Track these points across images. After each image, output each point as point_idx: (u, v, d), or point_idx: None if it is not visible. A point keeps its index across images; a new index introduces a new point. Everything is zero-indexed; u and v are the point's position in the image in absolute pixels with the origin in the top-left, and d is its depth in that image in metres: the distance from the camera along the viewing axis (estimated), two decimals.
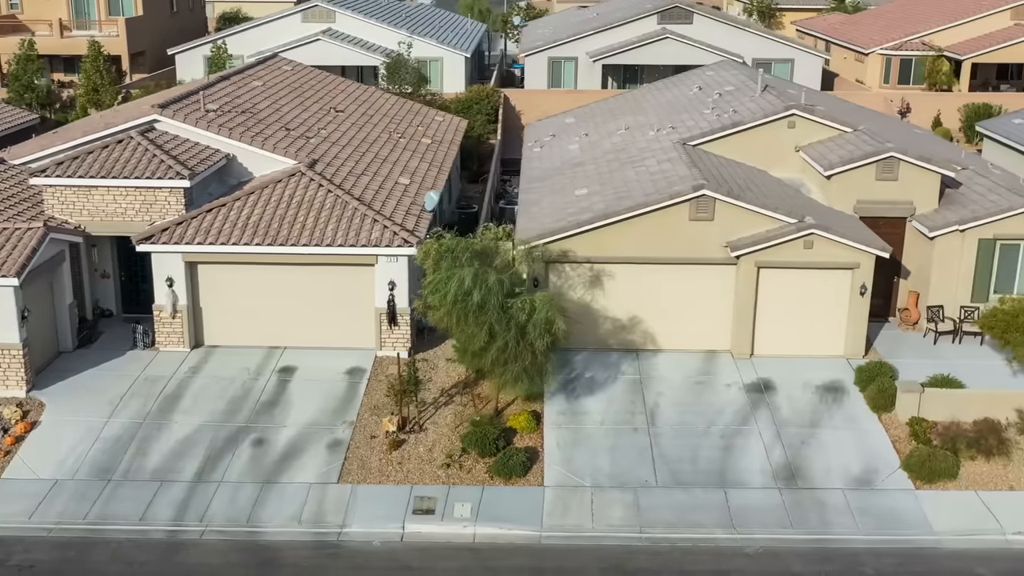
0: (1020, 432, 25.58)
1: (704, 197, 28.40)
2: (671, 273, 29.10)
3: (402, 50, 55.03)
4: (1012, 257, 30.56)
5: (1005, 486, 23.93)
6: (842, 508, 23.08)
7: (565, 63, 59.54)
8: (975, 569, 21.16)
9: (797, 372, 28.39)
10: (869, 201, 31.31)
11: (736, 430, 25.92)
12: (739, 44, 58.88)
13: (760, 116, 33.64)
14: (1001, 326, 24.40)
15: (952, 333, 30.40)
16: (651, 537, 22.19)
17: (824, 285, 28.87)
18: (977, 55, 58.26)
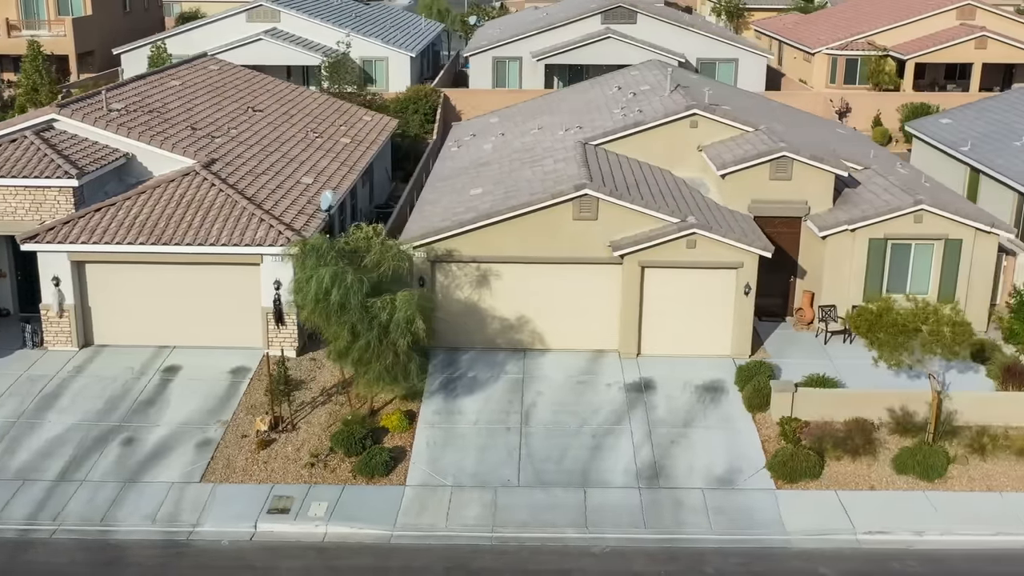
0: (891, 432, 25.59)
1: (587, 196, 28.39)
2: (558, 272, 29.10)
3: (341, 49, 54.99)
4: (903, 256, 30.57)
5: (866, 486, 23.90)
6: (699, 508, 23.05)
7: (510, 63, 59.57)
8: (818, 569, 21.12)
9: (680, 372, 28.38)
10: (763, 201, 31.29)
11: (608, 430, 25.90)
12: (683, 44, 58.88)
13: (662, 116, 33.61)
14: (866, 325, 24.39)
15: (843, 333, 30.39)
16: (501, 537, 22.15)
17: (709, 284, 28.87)
18: (920, 55, 58.24)
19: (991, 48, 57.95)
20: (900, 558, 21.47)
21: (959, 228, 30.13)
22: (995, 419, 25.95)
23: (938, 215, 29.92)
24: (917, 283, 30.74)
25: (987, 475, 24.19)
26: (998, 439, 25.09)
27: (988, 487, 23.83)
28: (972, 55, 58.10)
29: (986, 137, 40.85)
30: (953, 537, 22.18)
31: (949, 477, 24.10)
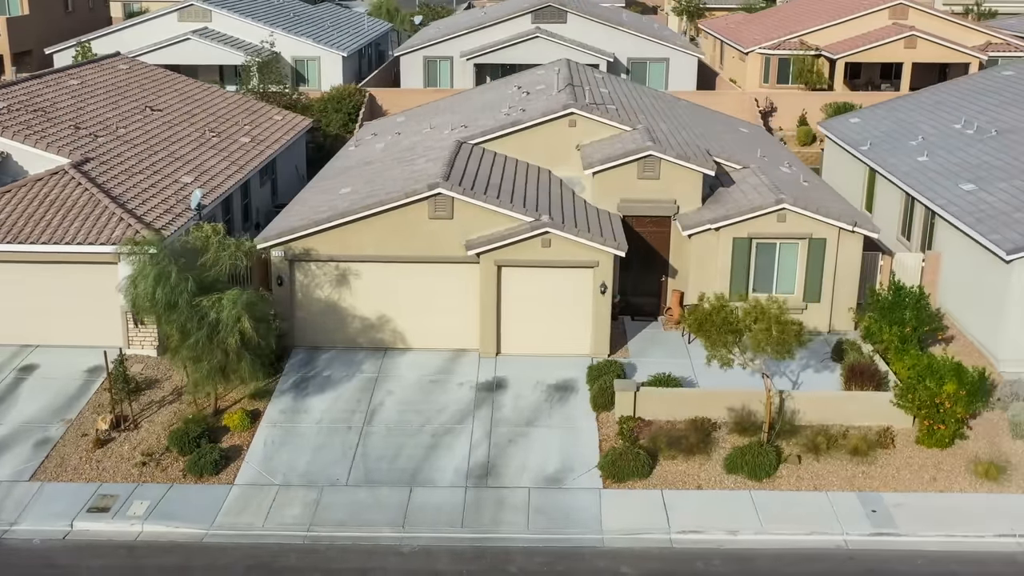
0: (730, 432, 25.56)
1: (441, 196, 28.36)
2: (417, 272, 29.08)
3: (265, 48, 55.00)
4: (769, 256, 30.53)
5: (694, 485, 23.86)
6: (521, 507, 23.02)
7: (441, 62, 59.54)
8: (620, 568, 21.07)
9: (536, 371, 28.35)
10: (633, 200, 31.27)
11: (449, 429, 25.87)
12: (614, 43, 58.87)
13: (540, 115, 33.55)
14: (695, 324, 24.34)
15: None
16: (315, 536, 22.13)
17: (566, 283, 28.85)
18: (849, 54, 58.18)
19: (921, 48, 57.87)
20: (707, 557, 21.42)
21: (822, 227, 30.07)
22: (837, 419, 25.92)
23: (801, 214, 29.87)
24: (784, 282, 30.71)
25: (816, 475, 24.14)
26: (836, 439, 25.04)
27: (815, 487, 23.78)
28: (902, 55, 58.01)
29: (887, 136, 40.80)
30: (767, 536, 22.14)
31: (778, 477, 24.05)
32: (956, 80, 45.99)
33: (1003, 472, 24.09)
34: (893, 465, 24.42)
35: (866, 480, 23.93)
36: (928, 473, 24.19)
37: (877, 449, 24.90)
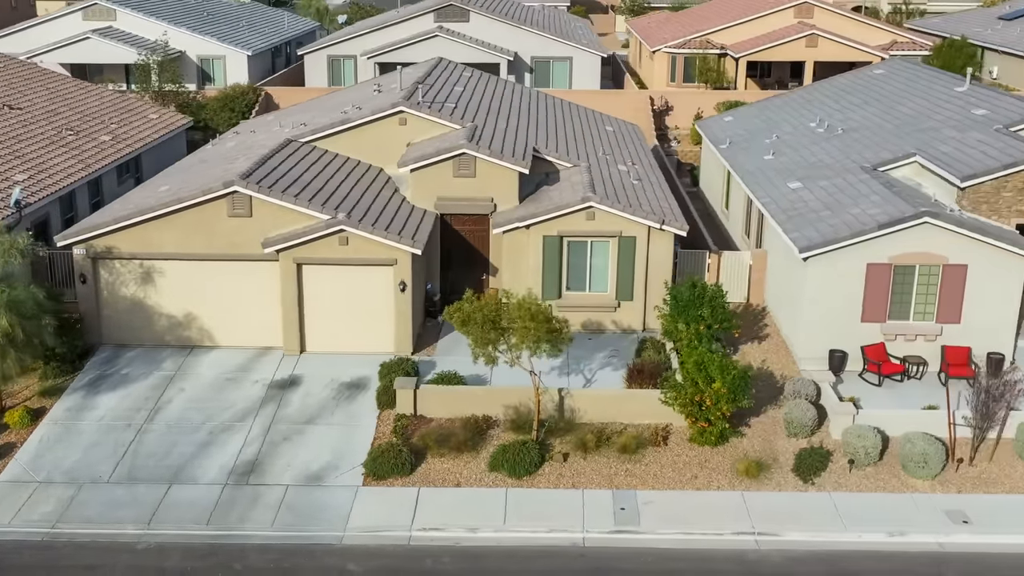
0: (506, 429, 25.57)
1: (238, 193, 28.37)
2: (221, 270, 29.07)
3: (159, 46, 55.01)
4: (581, 254, 30.54)
5: (453, 483, 23.84)
6: (273, 504, 23.00)
7: (344, 61, 59.55)
8: (346, 565, 21.03)
9: (334, 369, 28.36)
10: (450, 198, 31.28)
11: (229, 427, 25.87)
12: (518, 42, 58.89)
13: (369, 114, 33.54)
14: (459, 320, 24.32)
15: None
16: (56, 533, 22.09)
17: (367, 281, 28.86)
18: (751, 53, 58.17)
19: (822, 46, 57.87)
20: (438, 555, 21.41)
21: (632, 225, 30.08)
22: (619, 417, 25.94)
23: (608, 212, 29.87)
24: (597, 281, 30.74)
25: (578, 472, 24.13)
26: (609, 437, 25.06)
27: (573, 484, 23.77)
28: (803, 53, 57.99)
29: (749, 135, 40.78)
30: (505, 534, 22.11)
31: (539, 475, 24.04)
32: (831, 79, 45.95)
33: (765, 470, 24.10)
34: (659, 463, 24.42)
35: (627, 478, 23.93)
36: (691, 471, 24.19)
37: (648, 447, 24.90)
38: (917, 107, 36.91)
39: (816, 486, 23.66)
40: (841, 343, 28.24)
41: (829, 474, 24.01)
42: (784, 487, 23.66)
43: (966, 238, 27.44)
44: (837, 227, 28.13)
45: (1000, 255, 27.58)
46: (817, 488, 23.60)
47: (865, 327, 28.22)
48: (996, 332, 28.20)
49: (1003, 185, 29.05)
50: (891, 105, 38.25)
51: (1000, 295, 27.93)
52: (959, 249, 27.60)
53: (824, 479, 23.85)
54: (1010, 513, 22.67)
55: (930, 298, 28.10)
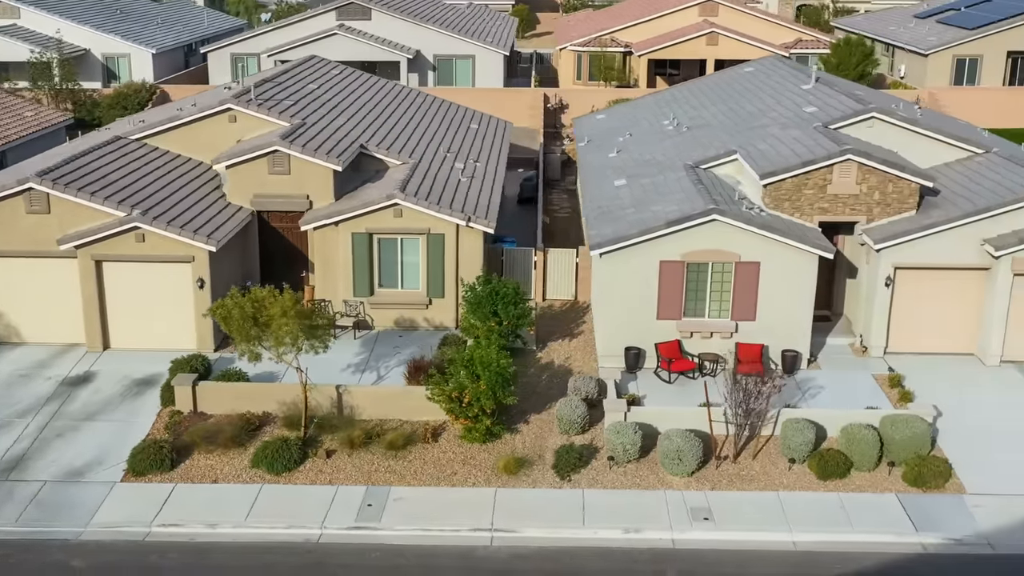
0: (281, 425, 25.57)
1: (34, 190, 28.37)
2: (24, 266, 29.10)
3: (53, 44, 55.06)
4: (391, 251, 30.55)
5: (211, 479, 23.83)
6: (25, 500, 22.87)
7: (248, 59, 59.55)
8: (70, 561, 21.06)
9: (132, 365, 28.39)
10: (266, 195, 31.28)
11: (8, 423, 25.87)
12: (420, 40, 58.93)
13: (198, 112, 33.54)
14: (222, 316, 24.33)
15: (354, 328, 30.44)
16: None
17: (166, 278, 28.87)
18: (652, 51, 58.21)
19: (723, 44, 57.89)
20: (167, 551, 21.39)
21: (440, 223, 30.09)
22: (399, 414, 25.94)
23: (415, 209, 29.88)
24: (409, 278, 30.76)
25: (338, 469, 24.11)
26: (380, 434, 25.06)
27: (330, 481, 23.74)
28: (703, 51, 58.02)
29: (608, 132, 40.80)
30: (245, 530, 22.07)
31: (299, 471, 24.03)
32: (708, 76, 46.02)
33: (527, 467, 24.09)
34: (423, 460, 24.42)
35: (385, 475, 23.92)
36: (453, 468, 24.18)
37: (418, 444, 24.90)
38: (761, 105, 36.92)
39: (572, 483, 23.65)
40: (638, 340, 28.25)
41: (590, 471, 24.01)
42: (540, 484, 23.65)
43: (757, 235, 27.46)
44: (633, 224, 28.15)
45: (791, 253, 27.60)
46: (572, 485, 23.59)
47: (661, 324, 28.23)
48: (791, 329, 28.22)
49: (804, 183, 29.04)
50: (740, 103, 38.27)
51: (794, 293, 27.95)
52: (750, 246, 27.61)
53: (582, 476, 23.84)
54: (753, 510, 22.66)
55: (725, 295, 28.12)
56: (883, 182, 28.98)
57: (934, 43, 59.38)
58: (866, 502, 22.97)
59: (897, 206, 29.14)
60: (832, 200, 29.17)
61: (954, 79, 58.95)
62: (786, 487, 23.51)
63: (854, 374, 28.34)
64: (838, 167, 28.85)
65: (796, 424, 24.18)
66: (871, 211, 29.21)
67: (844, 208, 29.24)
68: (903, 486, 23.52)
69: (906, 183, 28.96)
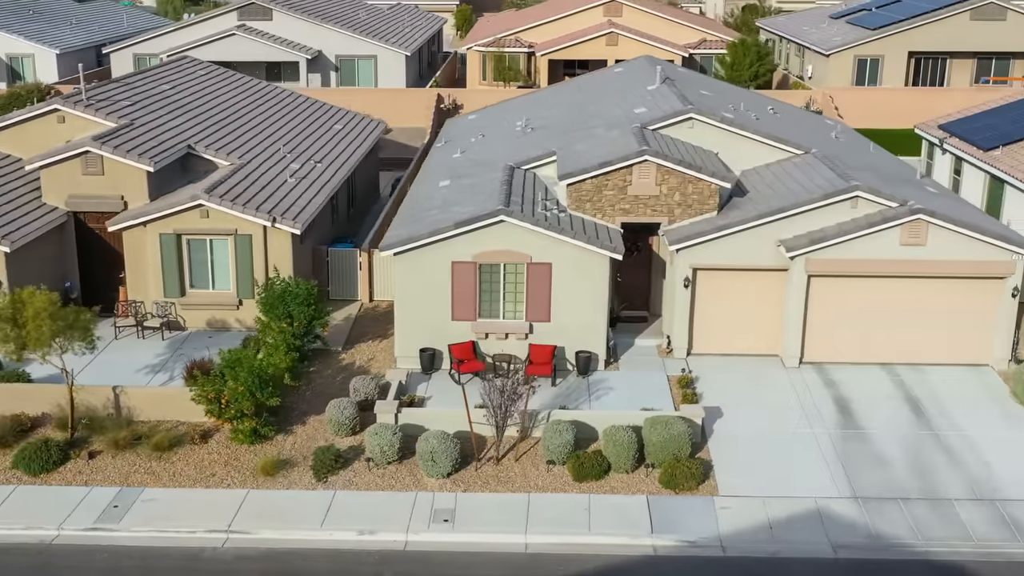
0: (55, 426, 25.54)
1: None
2: None
3: None
4: (201, 252, 30.54)
5: None
6: None
7: (150, 60, 59.51)
8: None
9: None
10: (81, 196, 31.24)
11: None
12: (322, 40, 58.95)
13: (26, 112, 33.51)
14: None
15: (160, 329, 30.43)
16: None
17: None
18: (552, 51, 58.19)
19: (622, 45, 57.89)
20: None
21: (246, 223, 30.07)
22: (178, 415, 25.88)
23: (219, 210, 29.85)
24: (220, 279, 30.75)
25: (98, 471, 23.92)
26: (151, 435, 25.01)
27: (86, 482, 23.57)
28: (604, 52, 57.99)
29: (465, 133, 40.74)
30: None
31: (57, 472, 23.92)
32: (579, 77, 45.98)
33: (288, 468, 24.07)
34: (186, 461, 24.36)
35: (143, 476, 23.87)
36: (213, 469, 24.11)
37: (186, 445, 24.87)
38: (601, 106, 36.89)
39: (328, 485, 23.59)
40: (434, 341, 28.23)
41: (349, 473, 23.96)
42: (296, 486, 23.60)
43: (546, 236, 27.44)
44: (428, 225, 28.12)
45: (582, 254, 27.58)
46: (328, 487, 23.53)
47: (457, 325, 28.20)
48: (586, 330, 28.19)
49: (604, 184, 29.01)
50: (591, 104, 38.23)
51: (587, 294, 27.93)
52: (541, 248, 27.60)
53: (340, 478, 23.78)
54: (498, 512, 22.59)
55: (519, 296, 28.10)
56: (683, 183, 28.96)
57: (836, 43, 59.36)
58: (615, 504, 22.92)
59: (698, 207, 29.12)
60: (633, 201, 29.16)
61: (856, 79, 58.94)
62: (540, 489, 23.47)
63: (649, 375, 28.31)
64: (637, 168, 28.84)
65: (556, 426, 24.13)
66: (672, 212, 29.19)
67: (646, 209, 29.22)
68: (657, 488, 23.48)
69: (705, 184, 28.95)
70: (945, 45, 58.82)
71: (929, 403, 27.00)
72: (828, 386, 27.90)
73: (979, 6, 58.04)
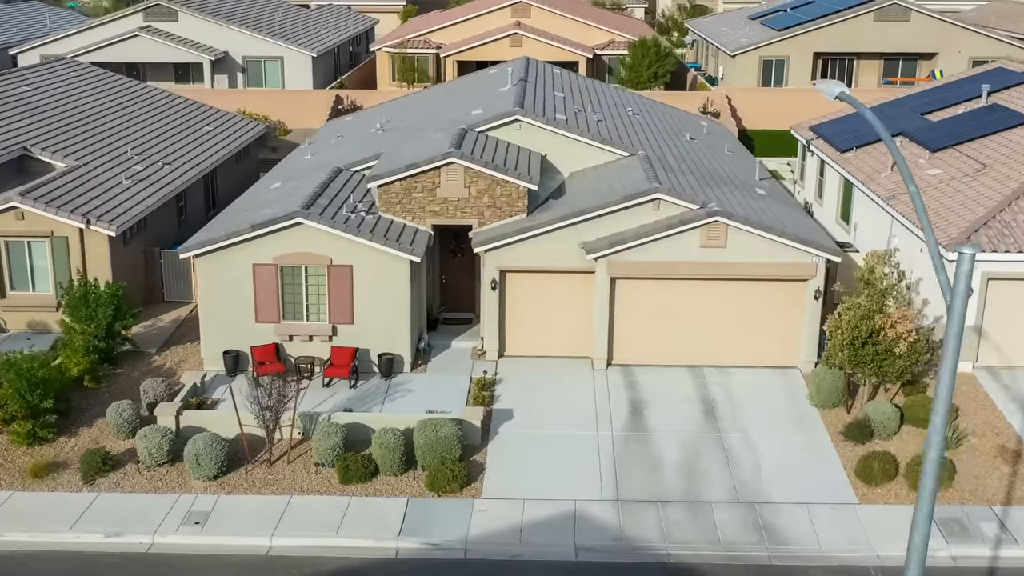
0: None
1: None
2: None
3: None
4: (20, 254, 30.62)
5: None
6: None
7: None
8: None
9: None
10: None
11: None
12: (228, 41, 58.94)
13: None
14: None
15: None
16: None
17: None
18: (457, 52, 58.21)
19: (527, 46, 57.88)
20: None
21: (63, 226, 30.08)
22: None
23: (33, 212, 29.85)
24: (40, 281, 30.75)
25: None
26: None
27: None
28: (508, 52, 57.89)
29: (338, 132, 40.74)
30: None
31: None
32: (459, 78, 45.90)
33: (59, 471, 24.03)
34: None
35: None
36: None
37: None
38: (450, 108, 36.87)
39: (95, 487, 23.56)
40: (238, 343, 28.24)
41: (119, 475, 23.93)
42: (61, 488, 23.56)
43: (344, 239, 27.43)
44: (226, 227, 28.10)
45: (382, 256, 27.58)
46: (93, 489, 23.50)
47: (261, 327, 28.22)
48: (390, 332, 28.19)
49: (413, 186, 29.00)
50: (445, 106, 38.21)
51: (389, 296, 27.92)
52: (341, 250, 27.60)
53: (108, 480, 23.75)
54: (253, 515, 22.51)
55: (322, 299, 28.10)
56: (491, 185, 28.96)
57: (743, 44, 59.35)
58: (374, 506, 22.89)
59: (508, 209, 29.13)
60: (443, 203, 29.16)
61: (762, 80, 58.91)
62: (304, 491, 23.45)
63: (454, 377, 28.29)
64: (445, 170, 28.84)
65: (326, 428, 24.11)
66: (483, 214, 29.20)
67: (456, 211, 29.23)
68: (422, 491, 23.47)
69: (513, 186, 28.95)
70: (850, 46, 58.81)
71: (724, 406, 27.00)
72: (629, 388, 27.90)
73: (883, 7, 57.99)
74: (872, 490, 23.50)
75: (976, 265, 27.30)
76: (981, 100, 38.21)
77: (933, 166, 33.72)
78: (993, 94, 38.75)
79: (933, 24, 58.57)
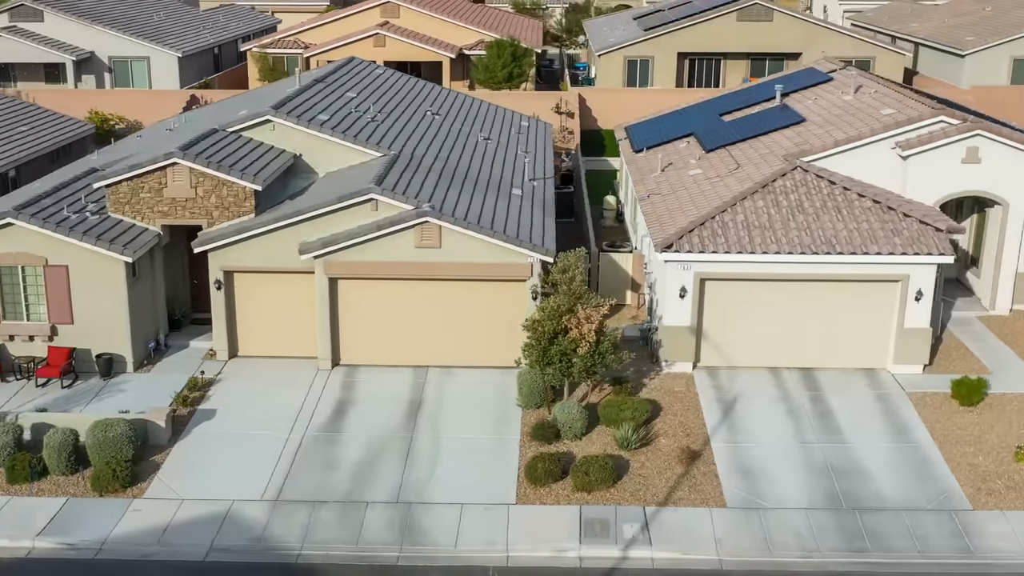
0: None
1: None
2: None
3: None
4: None
5: None
6: None
7: None
8: None
9: None
10: None
11: None
12: (95, 42, 58.95)
13: None
14: None
15: None
16: None
17: None
18: (321, 52, 58.30)
19: (390, 46, 57.92)
20: None
21: None
22: None
23: None
24: None
25: None
26: None
27: None
28: (372, 53, 57.77)
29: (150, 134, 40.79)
30: None
31: None
32: None
33: None
34: None
35: None
36: None
37: None
38: (243, 107, 36.85)
39: None
40: None
41: None
42: None
43: (57, 239, 27.47)
44: None
45: (97, 257, 27.61)
46: None
47: None
48: (109, 333, 28.23)
49: (140, 187, 29.03)
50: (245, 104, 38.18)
51: (107, 296, 27.97)
52: (56, 250, 27.66)
53: None
54: None
55: (40, 299, 28.14)
56: (217, 186, 28.99)
57: (609, 44, 59.35)
58: (29, 506, 22.92)
59: (235, 209, 29.17)
60: (171, 204, 29.19)
61: (627, 80, 58.89)
62: None
63: (173, 378, 28.28)
64: (170, 171, 28.88)
65: None
66: (211, 214, 29.23)
67: (184, 212, 29.27)
68: (86, 490, 23.51)
69: (239, 187, 28.97)
70: (715, 46, 58.77)
71: (430, 406, 27.01)
72: (345, 388, 27.94)
73: (745, 7, 57.94)
74: (536, 490, 23.54)
75: (690, 266, 27.54)
76: (775, 101, 38.31)
77: (700, 166, 33.78)
78: (791, 94, 38.88)
79: (796, 24, 58.57)
